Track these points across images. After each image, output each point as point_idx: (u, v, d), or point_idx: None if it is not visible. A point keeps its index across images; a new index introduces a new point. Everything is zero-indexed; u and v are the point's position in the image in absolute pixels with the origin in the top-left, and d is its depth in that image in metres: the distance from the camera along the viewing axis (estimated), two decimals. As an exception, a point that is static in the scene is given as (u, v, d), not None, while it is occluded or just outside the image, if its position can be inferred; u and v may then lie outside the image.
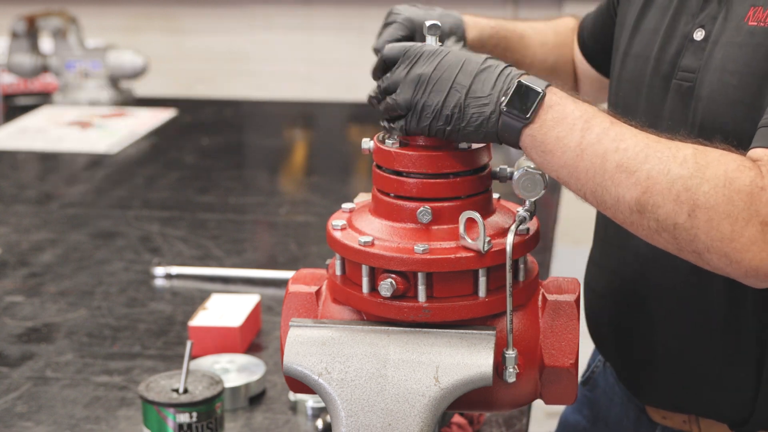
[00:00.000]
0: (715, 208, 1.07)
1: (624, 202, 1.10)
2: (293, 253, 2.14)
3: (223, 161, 2.80)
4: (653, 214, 1.09)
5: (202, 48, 4.37)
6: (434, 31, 1.17)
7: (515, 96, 1.13)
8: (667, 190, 1.08)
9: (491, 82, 1.13)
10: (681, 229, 1.08)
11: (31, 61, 3.21)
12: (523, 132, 1.13)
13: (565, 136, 1.12)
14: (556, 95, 1.14)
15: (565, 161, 1.12)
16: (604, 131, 1.11)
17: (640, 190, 1.09)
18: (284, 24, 4.32)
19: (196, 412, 1.39)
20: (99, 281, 1.99)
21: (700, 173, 1.08)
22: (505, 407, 1.19)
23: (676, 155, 1.09)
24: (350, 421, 1.10)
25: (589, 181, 1.12)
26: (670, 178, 1.08)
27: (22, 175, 2.71)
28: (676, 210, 1.08)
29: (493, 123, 1.13)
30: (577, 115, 1.12)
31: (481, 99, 1.13)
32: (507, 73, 1.14)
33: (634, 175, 1.09)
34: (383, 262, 1.12)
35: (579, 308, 1.18)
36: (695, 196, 1.07)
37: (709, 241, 1.08)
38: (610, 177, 1.10)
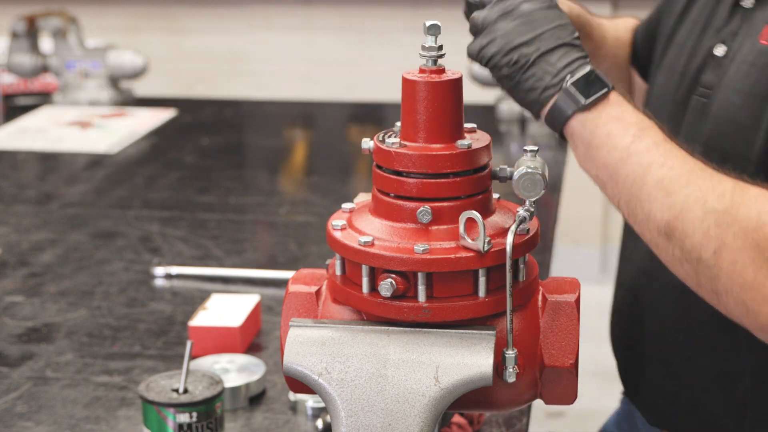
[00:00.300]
0: (742, 251, 1.02)
1: (654, 221, 1.06)
2: (293, 253, 2.14)
3: (223, 161, 2.80)
4: (680, 242, 1.05)
5: (202, 48, 4.38)
6: (434, 31, 1.17)
7: (582, 79, 1.09)
8: (699, 221, 1.03)
9: (569, 58, 1.10)
10: (704, 265, 1.03)
11: (31, 61, 3.21)
12: (574, 117, 1.09)
13: (617, 135, 1.08)
14: (620, 96, 1.10)
15: (608, 161, 1.08)
16: (655, 144, 1.07)
17: (673, 213, 1.05)
18: (284, 24, 4.33)
19: (196, 412, 1.39)
20: (99, 281, 2.00)
21: (735, 211, 1.03)
22: (505, 407, 1.19)
23: (716, 187, 1.04)
24: (350, 421, 1.10)
25: (626, 189, 1.08)
26: (705, 209, 1.03)
27: (22, 175, 2.71)
28: (703, 244, 1.03)
29: (547, 95, 1.09)
30: (634, 121, 1.09)
31: (550, 66, 1.10)
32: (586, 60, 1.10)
33: (671, 197, 1.05)
34: (383, 262, 1.12)
35: (579, 308, 1.18)
36: (724, 234, 1.02)
37: (730, 285, 1.03)
38: (648, 191, 1.06)
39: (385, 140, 1.17)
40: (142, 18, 4.36)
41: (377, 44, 4.27)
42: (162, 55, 4.19)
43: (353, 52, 4.31)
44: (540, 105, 1.10)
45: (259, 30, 4.34)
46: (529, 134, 2.88)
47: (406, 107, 1.17)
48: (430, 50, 1.16)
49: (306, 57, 4.34)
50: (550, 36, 1.10)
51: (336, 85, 4.30)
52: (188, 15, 4.36)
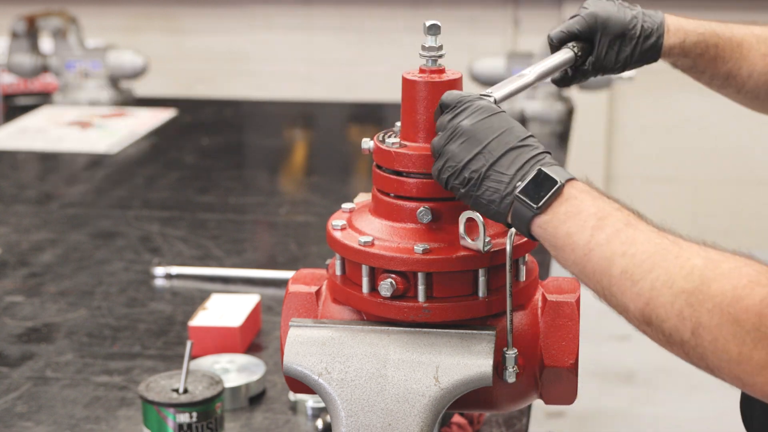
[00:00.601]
0: (719, 327, 0.98)
1: (630, 312, 1.04)
2: (293, 253, 2.14)
3: (223, 161, 2.80)
4: (659, 327, 1.02)
5: (202, 48, 4.37)
6: (434, 31, 1.17)
7: (531, 183, 1.07)
8: (669, 304, 1.00)
9: (519, 163, 1.09)
10: (688, 346, 1.01)
11: (31, 61, 3.21)
12: (533, 222, 1.08)
13: (576, 232, 1.06)
14: (576, 189, 1.08)
15: (574, 259, 1.07)
16: (616, 233, 1.05)
17: (643, 302, 1.02)
18: (284, 24, 4.33)
19: (196, 412, 1.39)
20: (99, 281, 2.00)
21: (705, 288, 0.99)
22: (505, 407, 1.19)
23: (684, 265, 1.01)
24: (350, 421, 1.10)
25: (597, 284, 1.06)
26: (673, 291, 1.00)
27: (22, 175, 2.71)
28: (678, 326, 1.00)
29: (505, 206, 1.09)
30: (592, 212, 1.06)
31: (501, 175, 1.09)
32: (538, 159, 1.09)
33: (637, 285, 1.02)
34: (383, 262, 1.12)
35: (579, 308, 1.18)
36: (697, 313, 0.99)
37: (717, 362, 1.00)
38: (616, 283, 1.04)
39: (385, 140, 1.17)
40: (142, 18, 4.36)
41: (377, 44, 4.27)
42: (162, 55, 4.19)
43: (353, 52, 4.31)
44: (503, 215, 1.09)
45: (259, 30, 4.34)
46: (529, 134, 2.87)
47: (406, 107, 1.17)
48: (430, 50, 1.16)
49: (306, 57, 4.34)
50: (496, 145, 1.09)
51: (336, 85, 4.30)
52: (188, 15, 4.36)
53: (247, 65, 4.37)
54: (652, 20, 1.45)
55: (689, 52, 1.47)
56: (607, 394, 3.41)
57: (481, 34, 4.14)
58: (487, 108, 1.13)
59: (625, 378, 3.50)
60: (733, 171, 4.19)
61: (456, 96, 1.14)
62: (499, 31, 4.16)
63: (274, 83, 4.33)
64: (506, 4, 4.16)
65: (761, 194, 4.20)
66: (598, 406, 3.35)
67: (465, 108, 1.12)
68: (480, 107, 1.12)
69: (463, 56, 3.50)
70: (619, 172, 4.29)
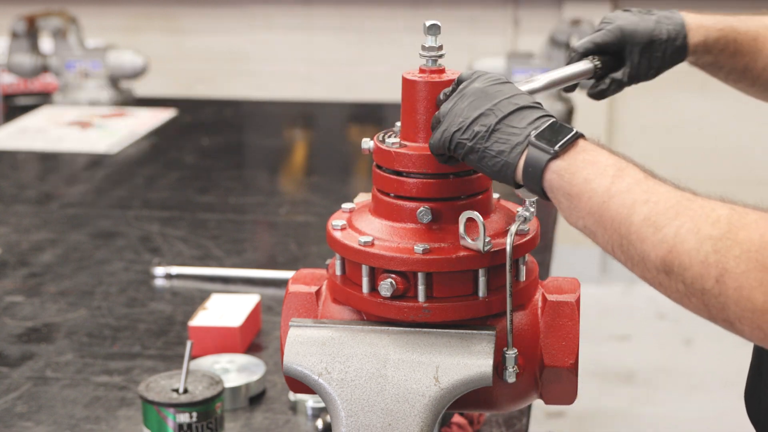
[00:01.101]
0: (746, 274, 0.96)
1: (650, 261, 1.02)
2: (293, 253, 2.14)
3: (223, 161, 2.80)
4: (680, 276, 1.00)
5: (202, 48, 4.38)
6: (434, 31, 1.17)
7: (547, 130, 1.06)
8: (695, 251, 0.98)
9: (531, 117, 1.08)
10: (709, 295, 0.99)
11: (31, 61, 3.21)
12: (548, 167, 1.06)
13: (594, 179, 1.04)
14: (592, 143, 1.08)
15: (591, 207, 1.04)
16: (637, 182, 1.04)
17: (666, 249, 1.00)
18: (284, 24, 4.33)
19: (196, 412, 1.39)
20: (99, 281, 2.00)
21: (733, 235, 0.98)
22: (505, 407, 1.19)
23: (709, 214, 1.00)
24: (350, 421, 1.10)
25: (614, 233, 1.04)
26: (699, 237, 0.99)
27: (22, 175, 2.71)
28: (703, 273, 0.98)
29: (517, 153, 1.07)
30: (611, 162, 1.06)
31: (512, 128, 1.08)
32: (549, 117, 1.08)
33: (661, 231, 1.01)
34: (383, 262, 1.12)
35: (579, 308, 1.18)
36: (724, 259, 0.97)
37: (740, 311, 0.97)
38: (636, 230, 1.02)
39: (385, 140, 1.17)
40: (142, 18, 4.36)
41: (377, 44, 4.27)
42: (162, 55, 4.19)
43: (353, 52, 4.31)
44: (512, 166, 1.07)
45: (259, 30, 4.34)
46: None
47: (406, 107, 1.17)
48: (430, 50, 1.16)
49: (306, 57, 4.34)
50: (506, 103, 1.09)
51: (336, 85, 4.30)
52: (188, 15, 4.36)
53: (247, 65, 4.37)
54: (673, 22, 1.45)
55: (711, 48, 1.47)
56: (607, 394, 3.41)
57: (481, 34, 4.14)
58: (498, 77, 1.12)
59: (625, 378, 3.50)
60: (733, 171, 4.19)
61: (470, 71, 1.15)
62: (499, 31, 4.16)
63: (274, 83, 4.33)
64: (506, 4, 4.16)
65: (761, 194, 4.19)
66: (598, 406, 3.36)
67: (478, 76, 1.13)
68: (490, 76, 1.12)
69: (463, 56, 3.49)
70: (619, 172, 4.28)
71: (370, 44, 4.30)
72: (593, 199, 1.04)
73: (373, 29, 4.29)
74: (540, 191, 1.08)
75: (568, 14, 3.85)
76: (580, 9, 3.92)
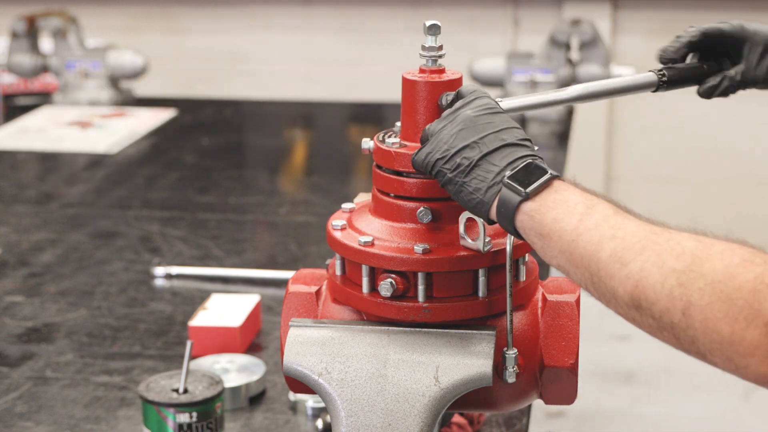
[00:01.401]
0: (711, 306, 0.95)
1: (619, 297, 1.01)
2: (293, 253, 2.14)
3: (223, 161, 2.80)
4: (649, 311, 0.99)
5: (202, 48, 4.37)
6: (434, 31, 1.17)
7: (521, 171, 1.07)
8: (659, 285, 0.98)
9: (512, 157, 1.08)
10: (678, 329, 0.98)
11: (31, 61, 3.21)
12: (520, 208, 1.06)
13: (563, 218, 1.04)
14: (564, 182, 1.08)
15: (561, 246, 1.04)
16: (605, 218, 1.04)
17: (632, 284, 1.00)
18: (284, 24, 4.32)
19: (196, 412, 1.39)
20: (99, 281, 2.00)
21: (697, 267, 0.97)
22: (505, 407, 1.19)
23: (674, 248, 0.99)
24: (350, 421, 1.10)
25: (585, 271, 1.03)
26: (663, 271, 0.98)
27: (22, 175, 2.71)
28: (669, 307, 0.98)
29: (491, 194, 1.07)
30: (580, 200, 1.05)
31: (492, 166, 1.08)
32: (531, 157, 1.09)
33: (627, 267, 1.00)
34: (383, 262, 1.12)
35: (579, 308, 1.18)
36: (688, 292, 0.96)
37: (709, 343, 0.96)
38: (604, 267, 1.02)
39: (385, 140, 1.17)
40: (142, 18, 4.36)
41: (377, 44, 4.27)
42: (162, 55, 4.18)
43: (353, 52, 4.31)
44: (487, 204, 1.08)
45: (259, 30, 4.33)
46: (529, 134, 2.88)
47: (406, 107, 1.17)
48: (430, 50, 1.16)
49: (306, 57, 4.33)
50: (493, 138, 1.09)
51: (336, 85, 4.30)
52: (188, 15, 4.36)
53: (247, 65, 4.37)
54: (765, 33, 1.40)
55: None
56: (607, 394, 3.41)
57: (481, 34, 4.14)
58: (492, 106, 1.12)
59: (625, 378, 3.50)
60: (733, 171, 4.19)
61: (470, 89, 1.15)
62: (499, 31, 4.16)
63: (274, 83, 4.33)
64: (506, 4, 4.16)
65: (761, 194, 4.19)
66: (598, 406, 3.35)
67: (472, 101, 1.12)
68: (486, 104, 1.12)
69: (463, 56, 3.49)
70: (619, 172, 4.28)
71: (370, 44, 4.29)
72: (563, 238, 1.04)
73: (373, 29, 4.28)
74: (513, 231, 1.08)
75: (568, 14, 3.85)
76: (580, 9, 3.92)
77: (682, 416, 3.27)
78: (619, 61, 3.93)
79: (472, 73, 3.01)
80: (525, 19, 4.16)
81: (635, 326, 1.04)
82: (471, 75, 3.00)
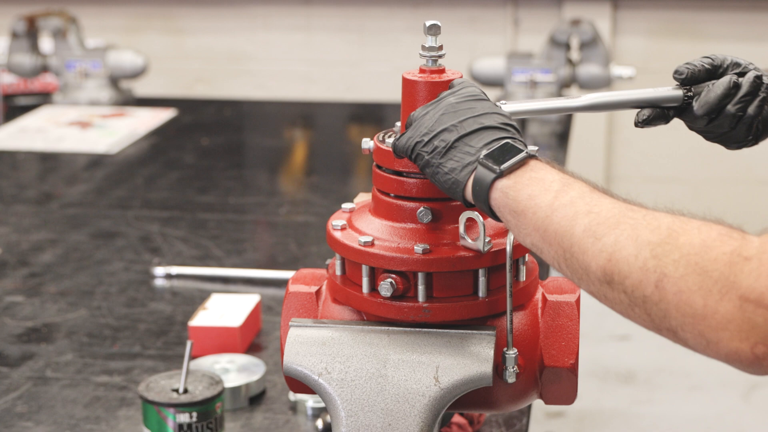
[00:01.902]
0: (685, 278, 0.94)
1: (592, 272, 1.00)
2: (293, 253, 2.14)
3: (223, 161, 2.80)
4: (621, 285, 0.98)
5: (202, 48, 4.38)
6: (434, 31, 1.17)
7: (497, 150, 1.07)
8: (633, 257, 0.97)
9: (489, 138, 1.08)
10: (650, 302, 0.96)
11: (31, 61, 3.21)
12: (494, 186, 1.05)
13: (538, 195, 1.04)
14: (541, 162, 1.07)
15: (535, 223, 1.04)
16: (581, 195, 1.03)
17: (605, 258, 0.98)
18: (284, 24, 4.33)
19: (196, 412, 1.39)
20: (99, 281, 2.00)
21: (673, 240, 0.96)
22: (505, 407, 1.19)
23: (650, 222, 0.98)
24: (350, 421, 1.10)
25: (558, 247, 1.02)
26: (638, 243, 0.97)
27: (22, 175, 2.71)
28: (642, 280, 0.96)
29: (466, 173, 1.07)
30: (557, 178, 1.05)
31: (468, 147, 1.08)
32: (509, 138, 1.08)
33: (600, 241, 0.99)
34: (383, 262, 1.12)
35: (579, 308, 1.18)
36: (662, 264, 0.95)
37: (681, 317, 0.95)
38: (578, 242, 1.00)
39: (385, 140, 1.17)
40: (142, 18, 4.36)
41: (377, 44, 4.27)
42: (162, 55, 4.19)
43: (353, 52, 4.31)
44: (461, 185, 1.08)
45: (259, 30, 4.34)
46: (529, 134, 2.88)
47: (406, 107, 1.17)
48: (430, 50, 1.16)
49: (306, 57, 4.34)
50: (471, 122, 1.09)
51: (336, 85, 4.30)
52: (188, 15, 4.36)
53: (247, 65, 4.37)
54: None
55: None
56: (607, 394, 3.41)
57: (481, 34, 4.14)
58: (476, 94, 1.13)
59: (625, 378, 3.50)
60: (733, 171, 4.19)
61: (459, 80, 1.15)
62: (499, 31, 4.16)
63: (274, 83, 4.33)
64: (506, 4, 4.16)
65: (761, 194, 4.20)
66: (598, 406, 3.35)
67: (457, 90, 1.13)
68: (470, 92, 1.12)
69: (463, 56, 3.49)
70: (619, 172, 4.29)
71: (370, 44, 4.30)
72: (537, 215, 1.04)
73: (373, 29, 4.29)
74: (488, 210, 1.07)
75: (568, 14, 3.85)
76: (580, 9, 3.92)
77: (682, 416, 3.27)
78: (619, 61, 3.93)
79: (472, 73, 3.01)
80: (525, 19, 4.16)
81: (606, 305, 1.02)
82: (471, 75, 3.00)
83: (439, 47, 1.17)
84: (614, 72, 2.99)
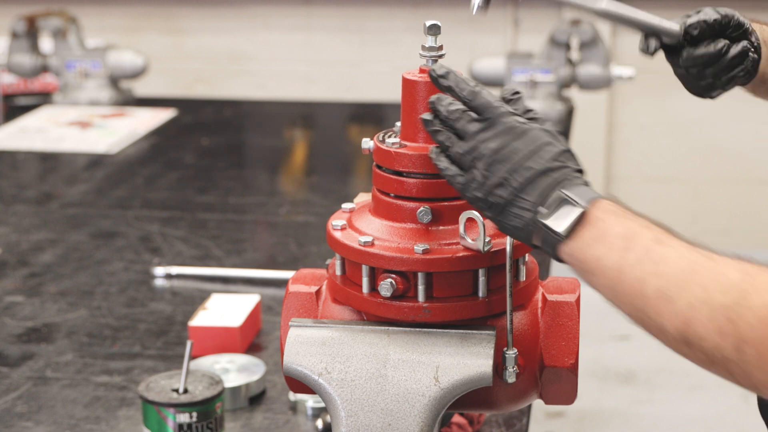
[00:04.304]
0: (762, 341, 0.95)
1: (669, 333, 1.01)
2: (293, 253, 2.14)
3: (223, 161, 2.80)
4: (699, 347, 0.99)
5: (202, 48, 4.38)
6: (434, 31, 1.17)
7: (554, 209, 1.06)
8: (709, 322, 0.98)
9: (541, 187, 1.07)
10: (732, 363, 0.98)
11: (31, 61, 3.21)
12: (560, 250, 1.06)
13: (604, 255, 1.04)
14: (600, 210, 1.06)
15: (605, 284, 1.04)
16: (646, 252, 1.02)
17: (681, 321, 0.99)
18: (284, 24, 4.33)
19: (196, 412, 1.39)
20: (99, 281, 2.00)
21: (745, 301, 0.96)
22: (505, 407, 1.19)
23: (720, 281, 0.99)
24: (350, 421, 1.10)
25: (631, 307, 1.03)
26: (711, 307, 0.98)
27: (22, 175, 2.71)
28: (719, 343, 0.98)
29: (529, 233, 1.08)
30: (619, 233, 1.04)
31: (524, 202, 1.07)
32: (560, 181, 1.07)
33: (674, 304, 1.00)
34: (383, 262, 1.12)
35: (579, 308, 1.18)
36: (739, 328, 0.96)
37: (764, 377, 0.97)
38: (651, 304, 1.01)
39: (385, 140, 1.17)
40: (142, 18, 4.36)
41: (377, 44, 4.27)
42: (162, 55, 4.19)
43: (353, 52, 4.31)
44: (529, 240, 1.09)
45: (259, 30, 4.34)
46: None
47: (406, 107, 1.17)
48: (430, 50, 1.16)
49: (306, 57, 4.34)
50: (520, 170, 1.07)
51: (336, 85, 4.30)
52: (188, 15, 4.36)
53: (247, 65, 4.37)
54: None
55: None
56: (607, 394, 3.41)
57: (481, 34, 4.14)
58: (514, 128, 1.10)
59: (625, 378, 3.50)
60: (733, 171, 4.19)
61: (485, 103, 1.12)
62: (499, 31, 4.17)
63: (274, 83, 4.33)
64: (506, 4, 4.16)
65: (761, 194, 4.20)
66: (598, 406, 3.35)
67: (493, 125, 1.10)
68: (508, 127, 1.10)
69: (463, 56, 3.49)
70: (619, 172, 4.29)
71: (370, 44, 4.30)
72: (606, 276, 1.04)
73: (373, 29, 4.29)
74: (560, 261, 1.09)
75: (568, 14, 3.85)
76: (580, 9, 3.91)
77: (682, 416, 3.27)
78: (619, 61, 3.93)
79: (472, 73, 3.01)
80: (525, 19, 4.16)
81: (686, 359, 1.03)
82: (471, 75, 3.00)
83: (439, 47, 1.17)
84: (614, 72, 2.99)
